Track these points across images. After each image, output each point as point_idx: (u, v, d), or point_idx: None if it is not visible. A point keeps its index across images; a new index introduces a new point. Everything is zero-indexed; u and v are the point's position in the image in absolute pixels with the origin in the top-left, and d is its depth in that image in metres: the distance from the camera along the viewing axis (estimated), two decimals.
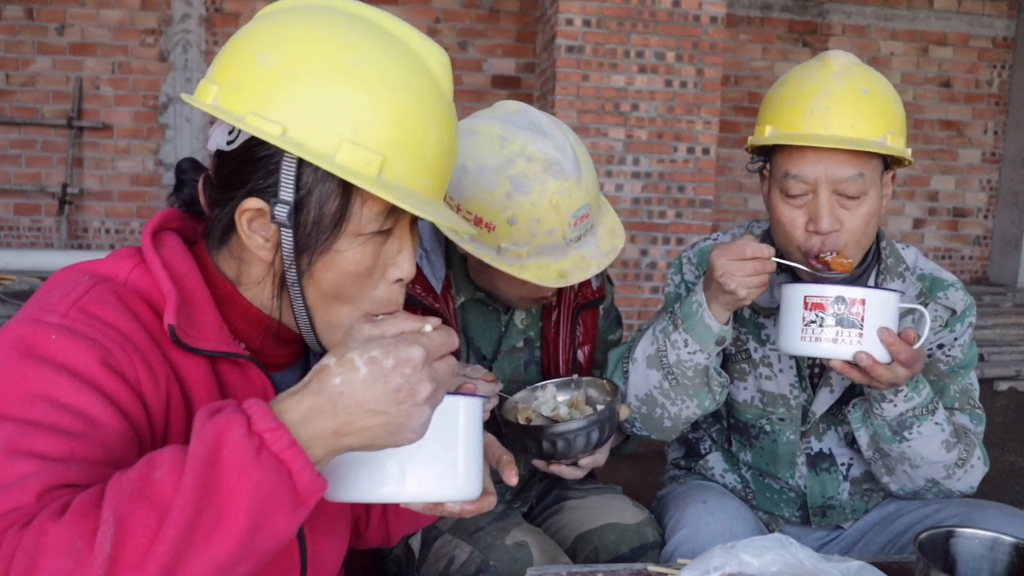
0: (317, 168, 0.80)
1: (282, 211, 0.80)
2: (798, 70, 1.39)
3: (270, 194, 0.81)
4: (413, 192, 0.83)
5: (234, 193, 0.83)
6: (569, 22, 4.20)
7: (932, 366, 1.45)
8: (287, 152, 0.79)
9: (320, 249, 0.83)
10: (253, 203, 0.82)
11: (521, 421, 1.38)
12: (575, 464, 1.39)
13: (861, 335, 1.20)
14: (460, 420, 0.81)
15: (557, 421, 1.39)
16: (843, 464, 1.52)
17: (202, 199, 0.90)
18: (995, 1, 6.06)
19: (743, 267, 1.27)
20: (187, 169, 0.94)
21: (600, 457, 1.39)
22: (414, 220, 0.90)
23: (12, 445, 0.70)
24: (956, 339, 1.44)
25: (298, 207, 0.81)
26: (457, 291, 1.48)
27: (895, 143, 1.31)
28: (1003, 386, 4.84)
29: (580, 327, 1.58)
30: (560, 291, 1.55)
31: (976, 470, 1.41)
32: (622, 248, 1.39)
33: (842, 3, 5.86)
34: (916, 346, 1.22)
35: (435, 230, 1.48)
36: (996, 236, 6.34)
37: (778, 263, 1.31)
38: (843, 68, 1.33)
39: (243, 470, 0.65)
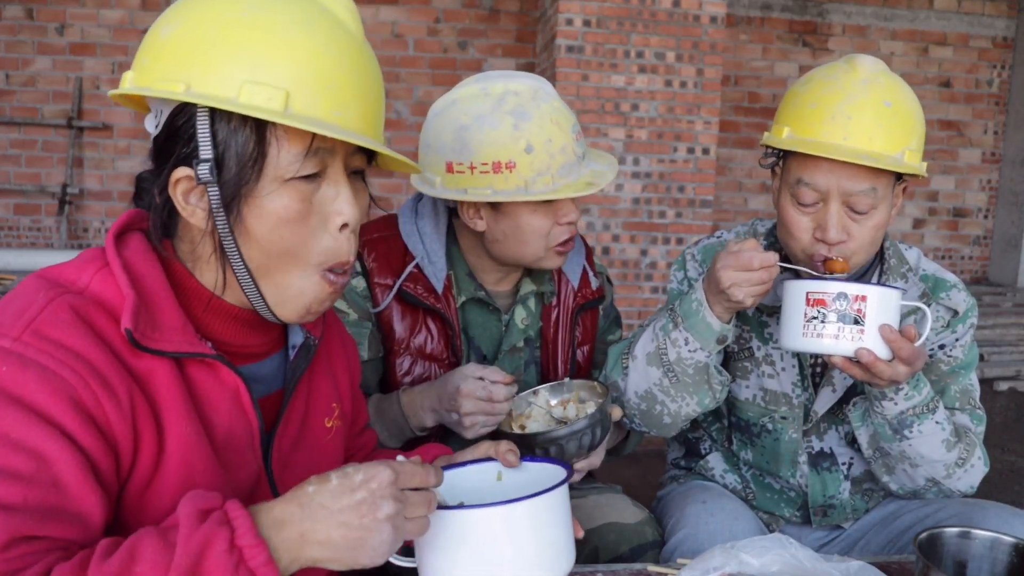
0: (230, 119, 0.81)
1: (204, 169, 0.81)
2: (824, 70, 1.37)
3: (193, 158, 0.82)
4: (328, 124, 0.82)
5: (163, 169, 0.84)
6: (569, 22, 4.20)
7: (933, 366, 1.45)
8: (196, 108, 0.81)
9: (245, 197, 0.83)
10: (180, 172, 0.83)
11: (515, 429, 1.38)
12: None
13: (863, 331, 1.20)
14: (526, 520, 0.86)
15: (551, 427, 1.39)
16: (844, 463, 1.52)
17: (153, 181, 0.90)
18: (995, 1, 6.06)
19: (750, 277, 1.26)
20: (147, 178, 0.93)
21: (595, 460, 1.40)
22: (359, 169, 0.90)
23: None
24: (957, 339, 1.44)
25: (219, 164, 0.82)
26: (458, 291, 1.48)
27: (911, 159, 1.29)
28: (1003, 386, 4.84)
29: (580, 327, 1.58)
30: (558, 292, 1.55)
31: (976, 470, 1.41)
32: (617, 165, 1.46)
33: (842, 3, 5.86)
34: (917, 344, 1.22)
35: (436, 229, 1.48)
36: (996, 236, 6.34)
37: (781, 267, 1.31)
38: (870, 76, 1.31)
39: None
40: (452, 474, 0.97)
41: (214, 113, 0.81)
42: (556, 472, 0.97)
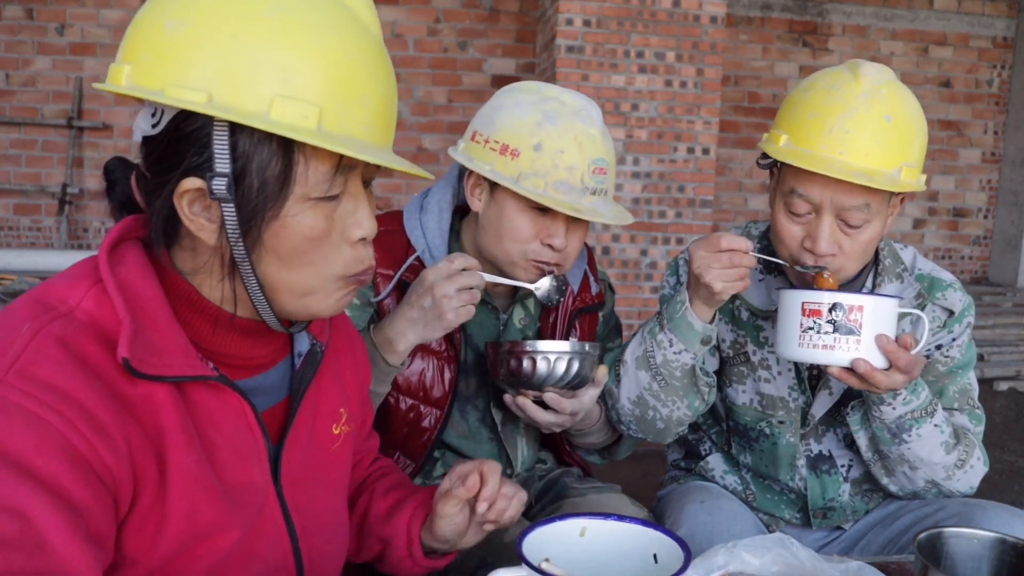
0: (252, 132, 0.74)
1: (220, 185, 0.74)
2: (828, 77, 1.34)
3: (206, 170, 0.75)
4: (359, 141, 0.78)
5: (168, 177, 0.76)
6: (569, 22, 4.20)
7: (931, 367, 1.45)
8: (217, 119, 0.73)
9: (268, 218, 0.77)
10: (190, 183, 0.75)
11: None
12: (543, 404, 1.39)
13: (859, 342, 1.20)
14: None
15: None
16: (843, 466, 1.52)
17: (138, 196, 0.83)
18: (995, 1, 6.06)
19: (719, 259, 1.26)
20: (115, 168, 0.86)
21: (568, 404, 1.38)
22: (367, 177, 0.86)
23: None
24: (954, 339, 1.44)
25: (238, 178, 0.75)
26: None
27: (908, 176, 1.28)
28: (1003, 386, 4.84)
29: (576, 331, 1.58)
30: (558, 292, 1.55)
31: (976, 471, 1.41)
32: (630, 221, 1.43)
33: (842, 3, 5.86)
34: (914, 351, 1.22)
35: (439, 225, 1.49)
36: (996, 236, 6.34)
37: (762, 259, 1.31)
38: (872, 88, 1.28)
39: None
40: (537, 532, 0.95)
41: (233, 124, 0.74)
42: (643, 534, 0.94)
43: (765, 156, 1.42)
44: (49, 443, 0.68)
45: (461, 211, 1.52)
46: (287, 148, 0.76)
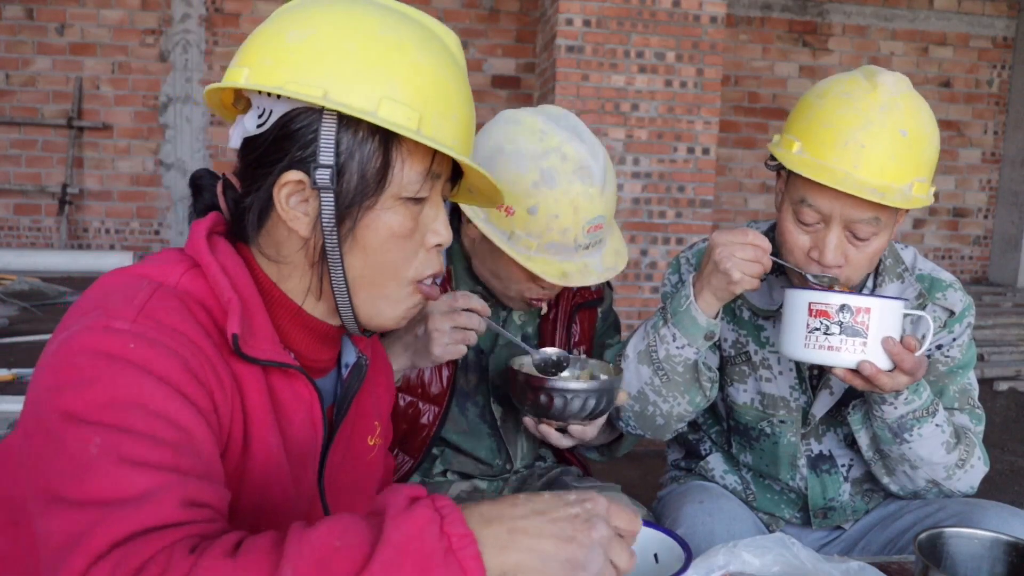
0: (356, 132, 0.82)
1: (324, 176, 0.81)
2: (844, 84, 1.31)
3: (309, 162, 0.82)
4: (450, 149, 0.85)
5: (270, 170, 0.83)
6: (569, 22, 4.20)
7: (931, 367, 1.45)
8: (327, 114, 0.81)
9: (365, 208, 0.83)
10: (292, 175, 0.82)
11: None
12: (564, 431, 1.39)
13: (865, 344, 1.20)
14: None
15: None
16: (843, 465, 1.52)
17: (222, 204, 0.90)
18: (995, 1, 6.06)
19: (743, 249, 1.26)
20: (203, 176, 0.95)
21: (590, 431, 1.39)
22: (445, 195, 0.93)
23: (121, 454, 0.68)
24: (955, 339, 1.44)
25: (339, 171, 0.82)
26: (457, 285, 1.50)
27: (920, 191, 1.27)
28: (1003, 386, 4.83)
29: (576, 326, 1.58)
30: (557, 294, 1.55)
31: (976, 470, 1.41)
32: (622, 269, 1.43)
33: (842, 3, 5.86)
34: (918, 353, 1.22)
35: None
36: (996, 236, 6.34)
37: (774, 261, 1.31)
38: (889, 100, 1.26)
39: (430, 567, 0.63)
40: None
41: (340, 121, 0.81)
42: (643, 534, 0.92)
43: (774, 157, 1.41)
44: (185, 370, 0.75)
45: (455, 209, 1.52)
46: (387, 147, 0.83)
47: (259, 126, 0.84)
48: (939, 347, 1.45)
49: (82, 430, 0.68)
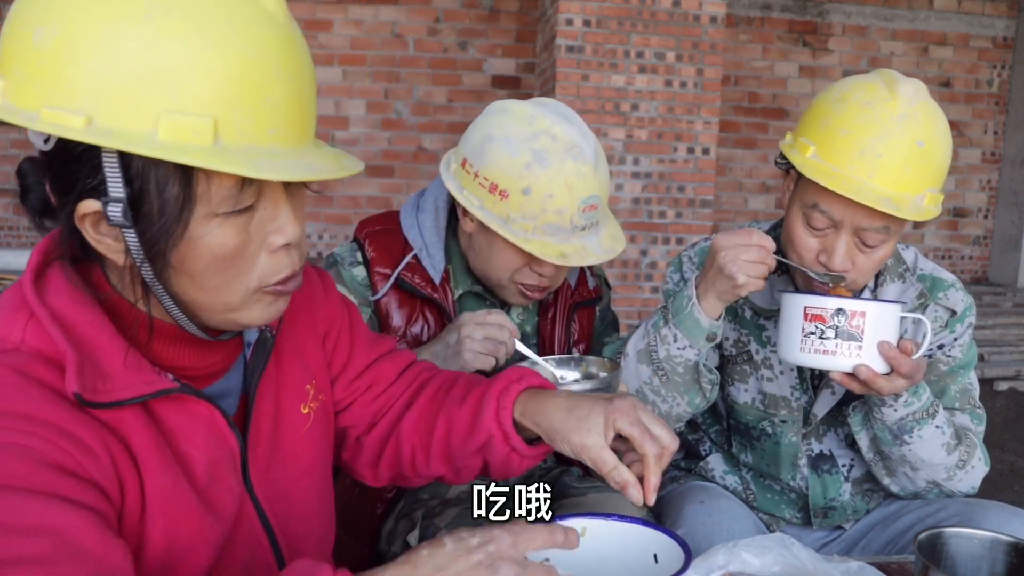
0: None
1: (116, 210, 0.68)
2: (862, 89, 1.29)
3: (101, 192, 0.68)
4: (264, 149, 0.70)
5: (66, 199, 0.71)
6: (569, 22, 4.21)
7: (932, 367, 1.45)
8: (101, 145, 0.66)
9: (172, 242, 0.70)
10: (88, 206, 0.69)
11: None
12: None
13: (861, 347, 1.19)
14: None
15: None
16: (844, 465, 1.52)
17: (54, 200, 0.76)
18: (995, 1, 6.06)
19: (748, 251, 1.26)
20: (28, 172, 0.78)
21: None
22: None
23: None
24: (956, 339, 1.44)
25: (135, 202, 0.68)
26: (455, 284, 1.50)
27: (932, 202, 1.27)
28: (1003, 386, 4.84)
29: (575, 324, 1.59)
30: (555, 290, 1.55)
31: (977, 471, 1.41)
32: (621, 251, 1.42)
33: (842, 3, 5.86)
34: (916, 356, 1.22)
35: (436, 224, 1.49)
36: (996, 236, 6.34)
37: (778, 260, 1.31)
38: (908, 110, 1.25)
39: None
40: None
41: None
42: (643, 534, 0.93)
43: (784, 156, 1.41)
44: (40, 463, 0.65)
45: (453, 209, 1.52)
46: (185, 166, 0.68)
47: (45, 141, 0.71)
48: (940, 347, 1.45)
49: None
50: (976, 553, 1.05)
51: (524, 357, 1.44)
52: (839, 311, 1.20)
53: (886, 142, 1.23)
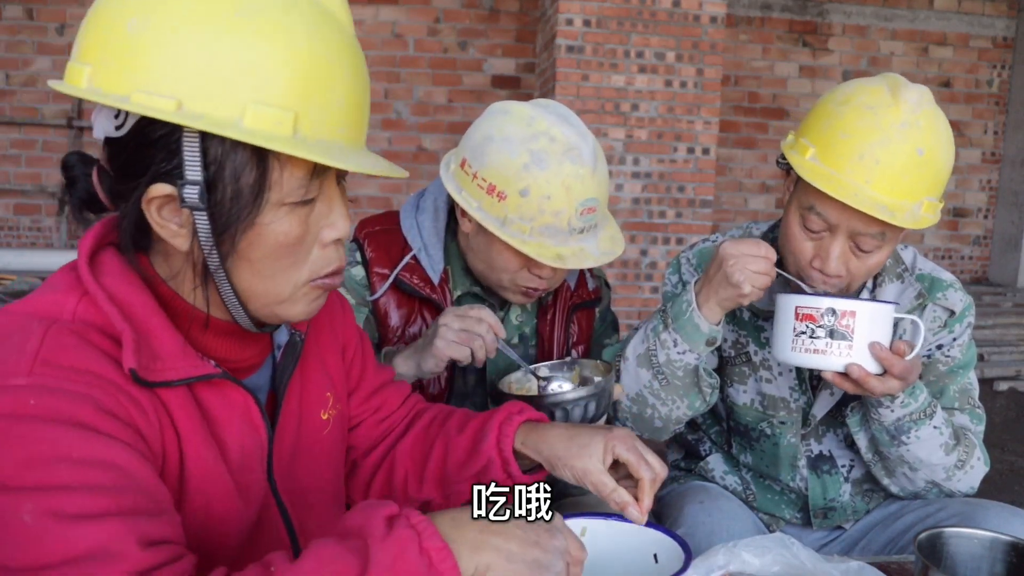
0: (224, 140, 0.72)
1: (192, 193, 0.72)
2: (866, 92, 1.28)
3: (176, 176, 0.72)
4: (334, 144, 0.76)
5: (136, 182, 0.74)
6: (569, 22, 4.21)
7: (931, 367, 1.45)
8: (188, 128, 0.71)
9: (243, 227, 0.75)
10: (159, 189, 0.73)
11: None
12: None
13: (851, 347, 1.20)
14: None
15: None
16: (844, 466, 1.52)
17: (100, 193, 0.80)
18: (995, 1, 6.06)
19: (756, 262, 1.26)
20: (75, 164, 0.82)
21: None
22: (341, 174, 0.83)
23: (58, 512, 0.63)
24: (955, 339, 1.44)
25: (210, 185, 0.73)
26: (454, 285, 1.50)
27: (929, 210, 1.27)
28: (1003, 386, 4.83)
29: (575, 326, 1.59)
30: (555, 291, 1.55)
31: (976, 471, 1.41)
32: (620, 253, 1.42)
33: (842, 3, 5.86)
34: (909, 357, 1.21)
35: (435, 225, 1.49)
36: (996, 236, 6.34)
37: (778, 272, 1.31)
38: (911, 118, 1.24)
39: None
40: None
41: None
42: (643, 534, 0.94)
43: (784, 156, 1.41)
44: (101, 410, 0.70)
45: (453, 210, 1.52)
46: (261, 154, 0.73)
47: (117, 127, 0.74)
48: (939, 347, 1.45)
49: (7, 499, 0.64)
50: (976, 553, 1.05)
51: (512, 361, 1.44)
52: (830, 310, 1.20)
53: (886, 148, 1.23)
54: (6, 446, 0.65)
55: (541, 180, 1.30)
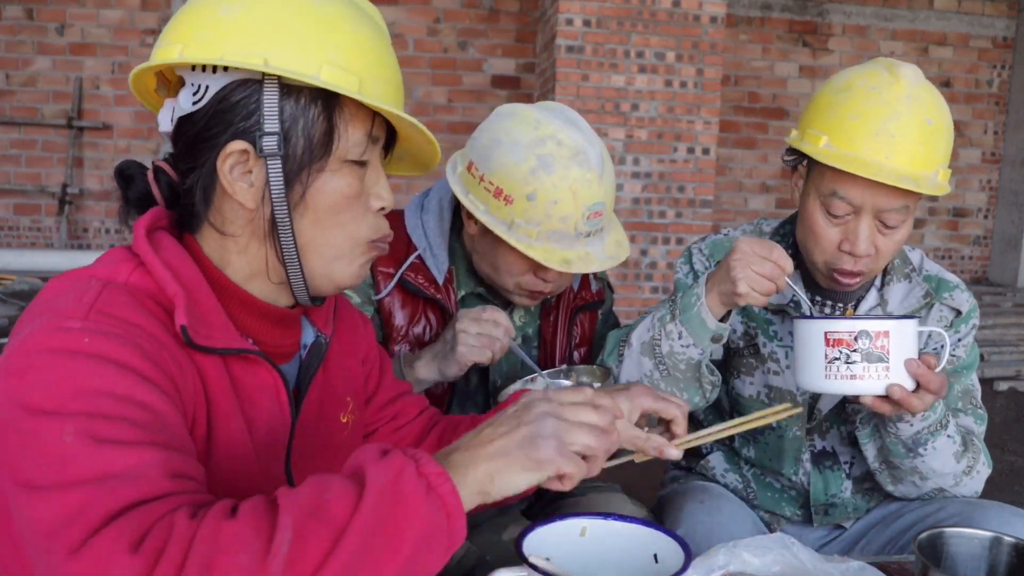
0: (298, 99, 0.83)
1: (271, 141, 0.82)
2: (864, 77, 1.31)
3: (253, 132, 0.82)
4: (391, 107, 0.86)
5: (212, 143, 0.83)
6: (569, 22, 4.21)
7: None
8: (268, 82, 0.82)
9: (314, 171, 0.85)
10: (236, 145, 0.83)
11: None
12: None
13: (888, 368, 1.16)
14: None
15: None
16: (846, 463, 1.52)
17: (156, 192, 0.89)
18: (995, 1, 6.06)
19: (762, 264, 1.24)
20: (130, 166, 0.93)
21: None
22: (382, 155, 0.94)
23: (97, 436, 0.68)
24: (960, 340, 1.45)
25: (285, 137, 0.83)
26: (459, 285, 1.50)
27: (944, 177, 1.30)
28: (1003, 386, 4.84)
29: (577, 328, 1.59)
30: (558, 293, 1.55)
31: (981, 475, 1.41)
32: (625, 257, 1.42)
33: (842, 3, 5.86)
34: (938, 369, 1.19)
35: (440, 225, 1.49)
36: (996, 236, 6.35)
37: (790, 286, 1.29)
38: (912, 91, 1.28)
39: (415, 507, 0.69)
40: (538, 532, 0.94)
41: (281, 89, 0.82)
42: (643, 534, 0.94)
43: (790, 152, 1.40)
44: (141, 355, 0.75)
45: (457, 210, 1.52)
46: (330, 111, 0.84)
47: (195, 103, 0.84)
48: (943, 347, 1.45)
49: (53, 422, 0.69)
50: (976, 553, 1.05)
51: (514, 361, 1.44)
52: (863, 333, 1.16)
53: (897, 122, 1.26)
54: (58, 376, 0.71)
55: (548, 184, 1.30)
